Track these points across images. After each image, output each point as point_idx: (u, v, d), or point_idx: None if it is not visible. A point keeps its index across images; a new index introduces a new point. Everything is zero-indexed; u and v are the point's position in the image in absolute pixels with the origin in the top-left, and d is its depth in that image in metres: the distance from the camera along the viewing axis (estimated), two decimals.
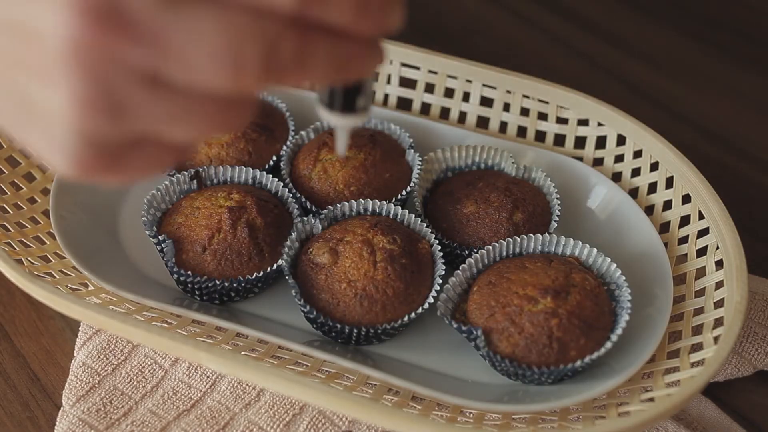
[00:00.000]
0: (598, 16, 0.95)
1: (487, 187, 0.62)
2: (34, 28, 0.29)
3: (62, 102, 0.30)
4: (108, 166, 0.32)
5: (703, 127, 0.81)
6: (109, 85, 0.30)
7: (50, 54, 0.29)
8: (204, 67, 0.29)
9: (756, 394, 0.58)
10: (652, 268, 0.59)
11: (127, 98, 0.30)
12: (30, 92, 0.31)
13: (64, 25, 0.29)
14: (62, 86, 0.30)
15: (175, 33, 0.29)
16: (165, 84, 0.30)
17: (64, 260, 0.59)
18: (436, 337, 0.58)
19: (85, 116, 0.30)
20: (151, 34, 0.29)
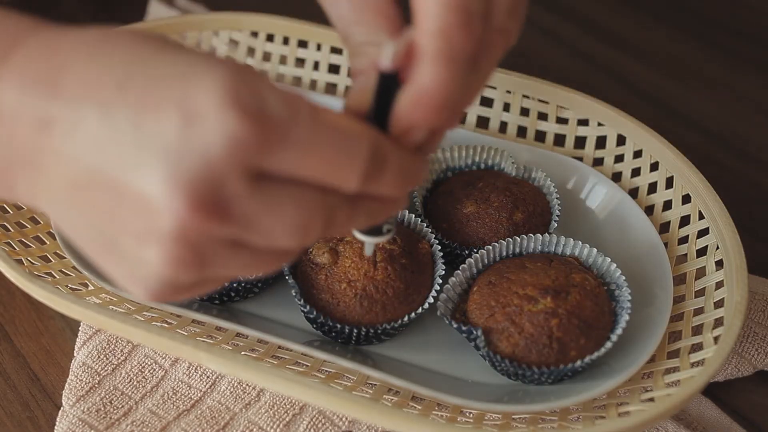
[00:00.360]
0: (598, 16, 0.95)
1: (487, 187, 0.62)
2: (142, 199, 0.33)
3: (154, 259, 0.35)
4: (178, 297, 0.38)
5: (703, 127, 0.81)
6: (201, 250, 0.35)
7: (153, 225, 0.34)
8: (280, 236, 0.35)
9: (756, 394, 0.58)
10: (652, 268, 0.59)
11: (212, 257, 0.35)
12: (121, 242, 0.35)
13: (175, 209, 0.33)
14: (158, 249, 0.34)
15: (262, 215, 0.34)
16: (245, 245, 0.36)
17: (64, 260, 0.59)
18: (436, 337, 0.58)
19: (173, 271, 0.35)
20: (244, 218, 0.34)
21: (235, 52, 0.78)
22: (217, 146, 0.33)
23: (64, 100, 0.34)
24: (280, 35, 0.77)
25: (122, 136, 0.33)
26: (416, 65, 0.37)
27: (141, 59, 0.34)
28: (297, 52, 0.77)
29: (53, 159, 0.35)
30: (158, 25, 0.74)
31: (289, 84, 0.76)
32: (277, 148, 0.34)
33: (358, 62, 0.41)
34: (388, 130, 0.38)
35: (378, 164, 0.36)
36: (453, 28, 0.36)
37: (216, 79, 0.33)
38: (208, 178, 0.33)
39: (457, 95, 0.37)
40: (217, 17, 0.76)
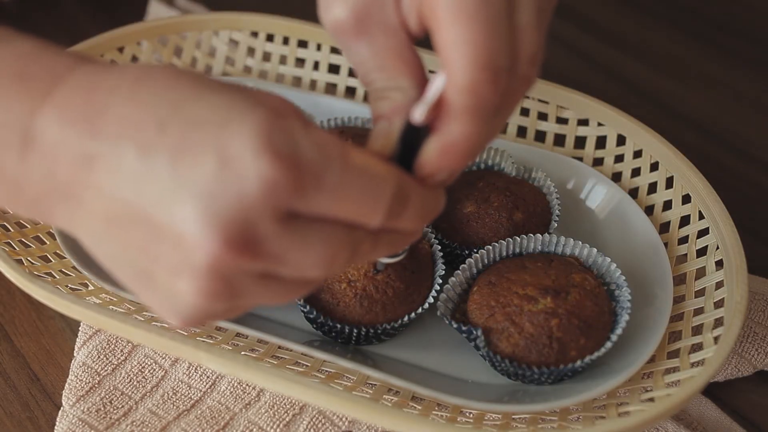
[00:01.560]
0: (597, 16, 0.95)
1: (487, 187, 0.62)
2: (177, 235, 0.35)
3: (187, 291, 0.36)
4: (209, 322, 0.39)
5: (703, 127, 0.81)
6: (232, 284, 0.36)
7: (187, 260, 0.35)
8: (308, 269, 0.37)
9: (756, 394, 0.59)
10: (652, 268, 0.59)
11: (243, 289, 0.37)
12: (155, 274, 0.37)
13: (209, 246, 0.34)
14: (190, 282, 0.36)
15: (292, 251, 0.36)
16: (274, 277, 0.37)
17: (64, 260, 0.59)
18: (436, 337, 0.58)
19: (205, 302, 0.37)
20: (274, 254, 0.36)
21: (235, 52, 0.78)
22: (251, 189, 0.34)
23: (105, 139, 0.36)
24: (280, 35, 0.77)
25: (160, 175, 0.35)
26: (446, 119, 0.39)
27: (179, 100, 0.36)
28: (297, 52, 0.77)
29: (93, 193, 0.36)
30: (158, 25, 0.74)
31: (289, 84, 0.76)
32: (309, 192, 0.35)
33: (380, 107, 0.42)
34: (410, 168, 0.40)
35: (401, 203, 0.38)
36: (481, 84, 0.37)
37: (251, 124, 0.35)
38: (242, 218, 0.34)
39: (482, 143, 0.40)
40: (217, 17, 0.76)
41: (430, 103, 0.38)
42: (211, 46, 0.78)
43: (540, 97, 0.70)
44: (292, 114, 0.37)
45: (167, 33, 0.75)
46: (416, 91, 0.41)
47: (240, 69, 0.77)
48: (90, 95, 0.37)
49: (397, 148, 0.40)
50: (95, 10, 0.91)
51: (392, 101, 0.41)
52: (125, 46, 0.73)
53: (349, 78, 0.75)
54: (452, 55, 0.37)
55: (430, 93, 0.38)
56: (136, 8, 0.88)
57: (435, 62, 0.71)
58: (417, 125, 0.39)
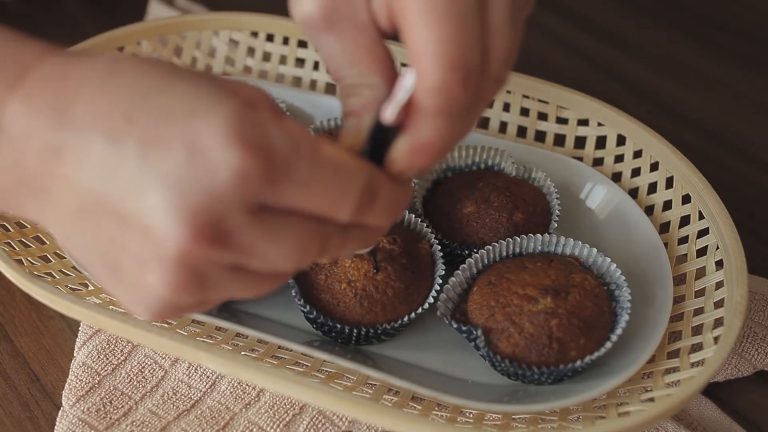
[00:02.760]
0: (598, 16, 0.95)
1: (487, 187, 0.62)
2: (145, 226, 0.35)
3: (155, 283, 0.36)
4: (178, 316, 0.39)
5: (703, 127, 0.81)
6: (201, 275, 0.36)
7: (156, 251, 0.35)
8: (277, 262, 0.37)
9: (756, 394, 0.59)
10: (652, 268, 0.59)
11: (212, 281, 0.37)
12: (124, 266, 0.36)
13: (178, 237, 0.34)
14: (159, 275, 0.36)
15: (262, 243, 0.36)
16: (243, 269, 0.37)
17: (64, 260, 0.59)
18: (436, 337, 0.58)
19: (174, 295, 0.36)
20: (243, 245, 0.36)
21: (235, 52, 0.78)
22: (221, 179, 0.34)
23: (74, 130, 0.35)
24: (280, 35, 0.77)
25: (129, 165, 0.34)
26: (416, 118, 0.39)
27: (149, 90, 0.35)
28: (297, 52, 0.77)
29: (61, 184, 0.36)
30: (158, 25, 0.74)
31: (289, 84, 0.76)
32: (279, 184, 0.35)
33: (350, 103, 0.42)
34: (380, 163, 0.40)
35: (370, 197, 0.38)
36: (451, 84, 0.37)
37: (221, 114, 0.34)
38: (211, 209, 0.34)
39: (453, 142, 0.40)
40: (217, 17, 0.76)
41: (401, 103, 0.38)
42: (211, 46, 0.78)
43: (540, 97, 0.70)
44: (264, 104, 0.37)
45: (167, 33, 0.75)
46: (386, 88, 0.41)
47: (240, 69, 0.77)
48: (59, 85, 0.36)
49: (367, 144, 0.40)
50: (95, 10, 0.91)
51: (362, 98, 0.41)
52: (125, 46, 0.73)
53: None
54: (422, 54, 0.37)
55: (401, 93, 0.38)
56: (136, 8, 0.88)
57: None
58: (387, 124, 0.39)
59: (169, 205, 0.34)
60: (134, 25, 0.73)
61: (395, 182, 0.40)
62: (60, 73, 0.37)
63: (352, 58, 0.41)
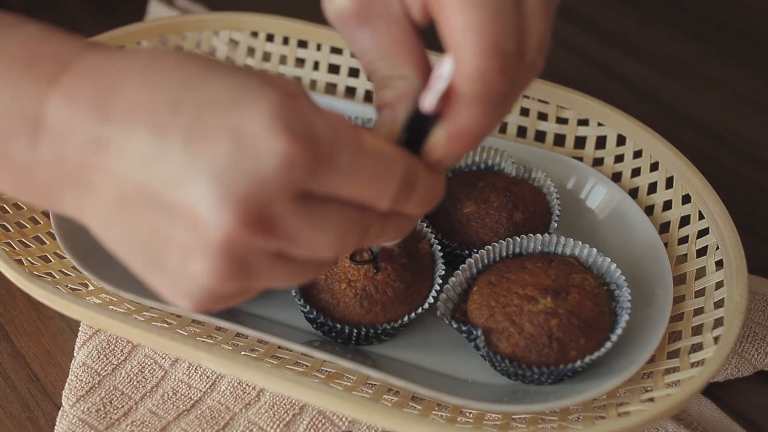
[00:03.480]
0: (598, 16, 0.95)
1: (487, 187, 0.62)
2: (190, 214, 0.35)
3: (199, 272, 0.36)
4: (220, 307, 0.39)
5: (703, 127, 0.81)
6: (245, 263, 0.36)
7: (201, 239, 0.35)
8: (321, 249, 0.37)
9: (756, 394, 0.58)
10: (652, 268, 0.59)
11: (256, 269, 0.37)
12: (166, 256, 0.36)
13: (224, 223, 0.34)
14: (203, 263, 0.36)
15: (306, 231, 0.36)
16: (286, 257, 0.37)
17: (64, 260, 0.59)
18: (436, 337, 0.58)
19: (218, 284, 0.36)
20: (288, 233, 0.36)
21: (235, 52, 0.78)
22: (267, 167, 0.34)
23: (116, 123, 0.36)
24: (280, 35, 0.77)
25: (173, 156, 0.35)
26: (455, 106, 0.39)
27: (190, 82, 0.36)
28: (297, 52, 0.77)
29: (104, 177, 0.36)
30: (158, 25, 0.74)
31: None
32: (323, 171, 0.35)
33: (385, 95, 0.42)
34: (416, 152, 0.40)
35: (410, 186, 0.39)
36: (490, 72, 0.37)
37: (265, 104, 0.35)
38: (257, 196, 0.34)
39: (490, 129, 0.41)
40: (217, 17, 0.76)
41: (441, 91, 0.38)
42: (211, 46, 0.78)
43: (540, 97, 0.70)
44: (303, 96, 0.37)
45: (167, 33, 0.75)
46: (420, 79, 0.41)
47: None
48: (100, 79, 0.37)
49: (403, 134, 0.40)
50: (95, 10, 0.91)
51: (396, 89, 0.42)
52: (125, 46, 0.73)
53: (349, 78, 0.75)
54: (460, 42, 0.37)
55: (440, 81, 0.38)
56: (136, 8, 0.88)
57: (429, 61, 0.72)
58: (426, 113, 0.39)
59: (214, 193, 0.34)
60: (134, 25, 0.73)
61: (432, 171, 0.41)
62: (101, 67, 0.37)
63: (386, 51, 0.41)
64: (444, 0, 0.38)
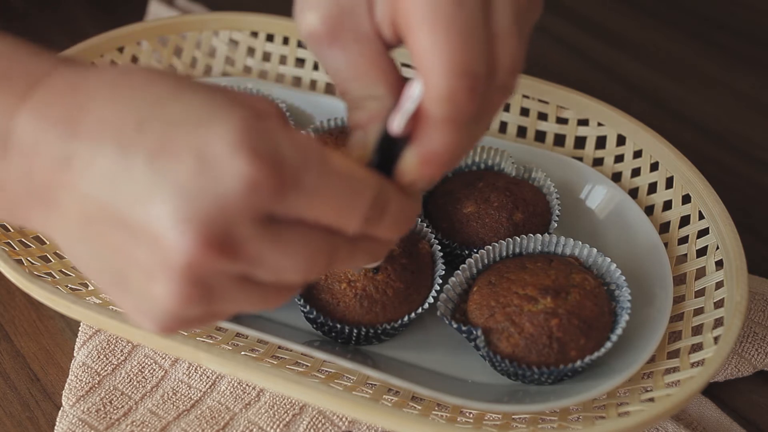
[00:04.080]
0: (597, 16, 0.95)
1: (487, 187, 0.62)
2: (153, 235, 0.34)
3: (162, 294, 0.35)
4: (186, 329, 0.39)
5: (703, 127, 0.81)
6: (208, 286, 0.36)
7: (163, 261, 0.34)
8: (287, 273, 0.37)
9: (756, 394, 0.59)
10: (652, 268, 0.59)
11: (219, 293, 0.36)
12: (130, 276, 0.36)
13: (186, 246, 0.34)
14: (166, 285, 0.35)
15: (271, 254, 0.36)
16: (252, 281, 0.37)
17: (64, 260, 0.59)
18: (436, 337, 0.58)
19: (181, 306, 0.36)
20: (252, 256, 0.35)
21: (235, 52, 0.78)
22: (230, 188, 0.34)
23: (83, 140, 0.35)
24: (280, 35, 0.77)
25: (137, 174, 0.34)
26: (424, 128, 0.38)
27: (159, 100, 0.35)
28: (297, 52, 0.77)
29: (69, 194, 0.36)
30: (158, 25, 0.74)
31: (289, 84, 0.76)
32: (288, 194, 0.35)
33: (357, 116, 0.42)
34: (388, 175, 0.40)
35: (380, 209, 0.38)
36: (459, 93, 0.37)
37: (230, 124, 0.34)
38: (220, 218, 0.34)
39: (463, 151, 0.40)
40: (217, 17, 0.76)
41: (409, 113, 0.38)
42: (211, 46, 0.78)
43: (540, 97, 0.70)
44: (273, 115, 0.36)
45: (167, 33, 0.75)
46: (392, 99, 0.41)
47: (240, 69, 0.77)
48: (69, 96, 0.36)
49: (375, 156, 0.40)
50: (95, 10, 0.91)
51: (368, 110, 0.41)
52: (125, 46, 0.73)
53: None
54: (428, 63, 0.37)
55: (408, 103, 0.38)
56: (136, 8, 0.89)
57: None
58: (395, 135, 0.39)
59: (177, 214, 0.34)
60: (134, 25, 0.73)
61: (404, 194, 0.40)
62: (71, 83, 0.37)
63: (357, 71, 0.41)
64: (412, 20, 0.37)
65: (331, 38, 0.41)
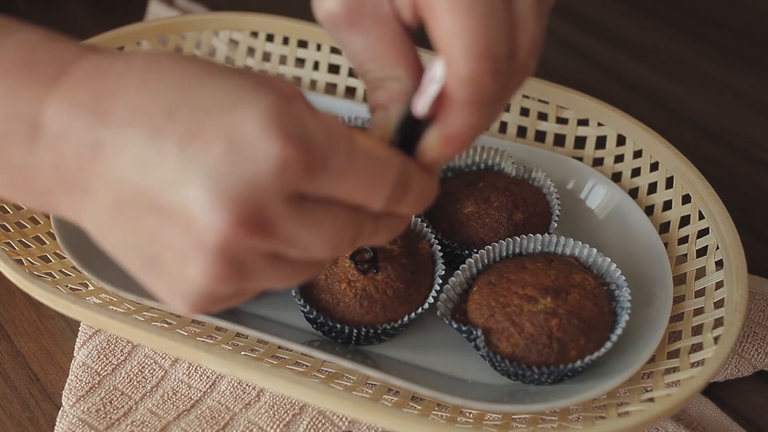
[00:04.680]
0: (597, 16, 0.95)
1: (487, 187, 0.62)
2: (186, 217, 0.35)
3: (196, 274, 0.36)
4: (216, 308, 0.39)
5: (703, 127, 0.81)
6: (241, 264, 0.36)
7: (197, 241, 0.35)
8: (315, 250, 0.37)
9: (756, 394, 0.59)
10: (652, 268, 0.59)
11: (251, 270, 0.37)
12: (163, 258, 0.37)
13: (220, 225, 0.34)
14: (200, 265, 0.36)
15: (300, 231, 0.36)
16: (281, 258, 0.38)
17: (64, 260, 0.59)
18: (436, 337, 0.58)
19: (214, 285, 0.37)
20: (283, 234, 0.36)
21: (235, 52, 0.78)
22: (262, 169, 0.34)
23: (113, 127, 0.36)
24: (280, 35, 0.77)
25: (169, 159, 0.35)
26: (447, 109, 0.39)
27: (187, 86, 0.36)
28: (297, 52, 0.77)
29: (101, 180, 0.36)
30: (158, 25, 0.74)
31: None
32: (317, 173, 0.36)
33: (377, 96, 0.42)
34: (409, 153, 0.41)
35: (403, 187, 0.39)
36: (482, 74, 0.38)
37: (260, 107, 0.35)
38: (252, 198, 0.35)
39: (482, 130, 0.41)
40: (217, 17, 0.76)
41: (433, 95, 0.39)
42: (211, 46, 0.78)
43: (540, 97, 0.70)
44: (299, 98, 0.37)
45: (167, 33, 0.75)
46: (412, 80, 0.41)
47: None
48: (97, 83, 0.37)
49: (396, 136, 0.40)
50: (95, 10, 0.91)
51: (388, 91, 0.42)
52: (125, 46, 0.73)
53: (349, 78, 0.75)
54: (451, 45, 0.37)
55: (432, 85, 0.38)
56: (136, 8, 0.88)
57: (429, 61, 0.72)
58: (419, 117, 0.39)
59: (210, 195, 0.34)
60: (134, 25, 0.73)
61: (425, 172, 0.41)
62: (98, 71, 0.37)
63: (376, 53, 0.41)
64: (433, 2, 0.37)
65: (350, 21, 0.41)
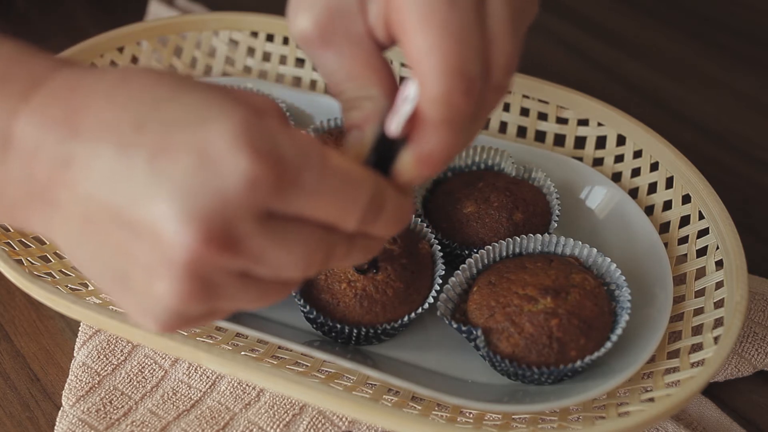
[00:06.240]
0: (597, 16, 0.95)
1: (487, 187, 0.62)
2: (154, 233, 0.34)
3: (164, 291, 0.36)
4: (187, 327, 0.39)
5: (703, 127, 0.81)
6: (210, 283, 0.36)
7: (165, 258, 0.35)
8: (286, 269, 0.37)
9: (756, 394, 0.59)
10: (652, 268, 0.59)
11: (220, 289, 0.37)
12: (131, 275, 0.36)
13: (188, 242, 0.34)
14: (168, 282, 0.35)
15: (270, 250, 0.36)
16: (252, 277, 0.37)
17: (64, 260, 0.59)
18: (436, 337, 0.58)
19: (183, 304, 0.36)
20: (252, 252, 0.36)
21: (235, 52, 0.78)
22: (231, 185, 0.34)
23: (83, 141, 0.35)
24: (280, 35, 0.77)
25: (137, 173, 0.34)
26: (421, 129, 0.39)
27: (158, 100, 0.36)
28: (297, 52, 0.77)
29: (69, 194, 0.36)
30: (158, 25, 0.74)
31: (289, 84, 0.76)
32: (288, 190, 0.35)
33: (352, 116, 0.42)
34: (384, 173, 0.40)
35: (376, 209, 0.38)
36: (454, 93, 0.37)
37: (230, 122, 0.34)
38: (221, 215, 0.34)
39: (458, 150, 0.40)
40: (217, 17, 0.76)
41: (406, 115, 0.38)
42: (211, 46, 0.78)
43: (540, 97, 0.70)
44: (272, 113, 0.37)
45: (167, 33, 0.75)
46: (387, 99, 0.41)
47: (240, 69, 0.77)
48: (69, 98, 0.37)
49: (371, 156, 0.40)
50: (95, 10, 0.91)
51: (363, 111, 0.41)
52: (125, 46, 0.73)
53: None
54: (422, 63, 0.37)
55: (405, 105, 0.38)
56: (136, 8, 0.89)
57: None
58: (392, 137, 0.39)
59: (178, 211, 0.34)
60: (134, 25, 0.73)
61: (400, 193, 0.40)
62: (71, 85, 0.37)
63: (351, 72, 0.41)
64: (406, 21, 0.37)
65: (324, 41, 0.41)
